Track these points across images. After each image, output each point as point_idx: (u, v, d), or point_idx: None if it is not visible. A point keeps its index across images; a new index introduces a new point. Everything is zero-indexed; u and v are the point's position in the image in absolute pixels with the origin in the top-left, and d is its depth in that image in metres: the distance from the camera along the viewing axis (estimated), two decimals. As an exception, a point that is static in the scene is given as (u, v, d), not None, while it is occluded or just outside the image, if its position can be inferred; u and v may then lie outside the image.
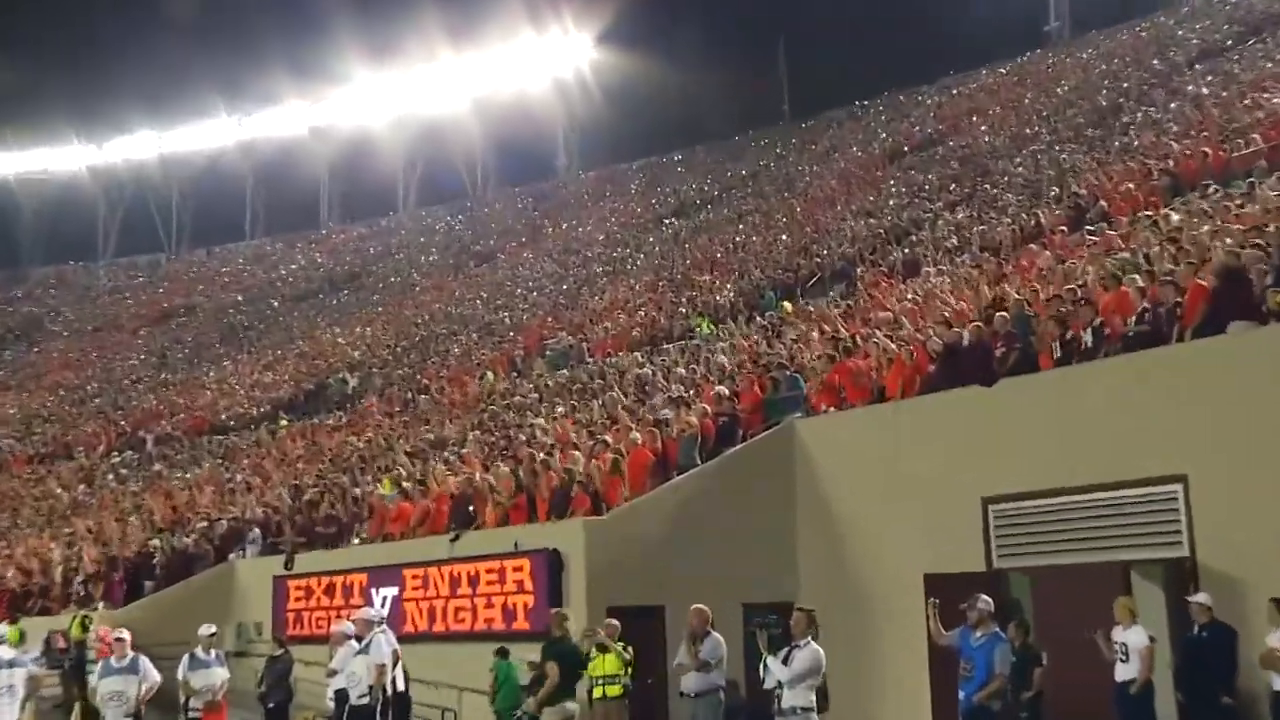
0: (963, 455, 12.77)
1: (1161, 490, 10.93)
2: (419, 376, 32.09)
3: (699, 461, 14.59)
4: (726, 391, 16.08)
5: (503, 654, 13.04)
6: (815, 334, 18.42)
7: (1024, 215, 22.48)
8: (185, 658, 12.09)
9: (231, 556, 20.56)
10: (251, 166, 69.98)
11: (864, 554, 13.65)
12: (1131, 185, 20.32)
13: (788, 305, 23.92)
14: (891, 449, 13.50)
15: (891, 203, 30.91)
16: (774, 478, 14.50)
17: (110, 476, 33.22)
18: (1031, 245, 19.57)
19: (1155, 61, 33.95)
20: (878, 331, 15.81)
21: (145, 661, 11.26)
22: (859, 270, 24.33)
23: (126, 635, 11.37)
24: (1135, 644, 9.82)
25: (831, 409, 14.69)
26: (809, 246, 29.32)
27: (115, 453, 36.42)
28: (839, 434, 14.44)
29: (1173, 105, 27.37)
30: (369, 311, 47.64)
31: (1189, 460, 10.74)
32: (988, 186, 27.61)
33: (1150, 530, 11.06)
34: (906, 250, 24.37)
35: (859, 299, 21.48)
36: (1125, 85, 32.65)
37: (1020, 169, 27.96)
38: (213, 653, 12.27)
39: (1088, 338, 12.19)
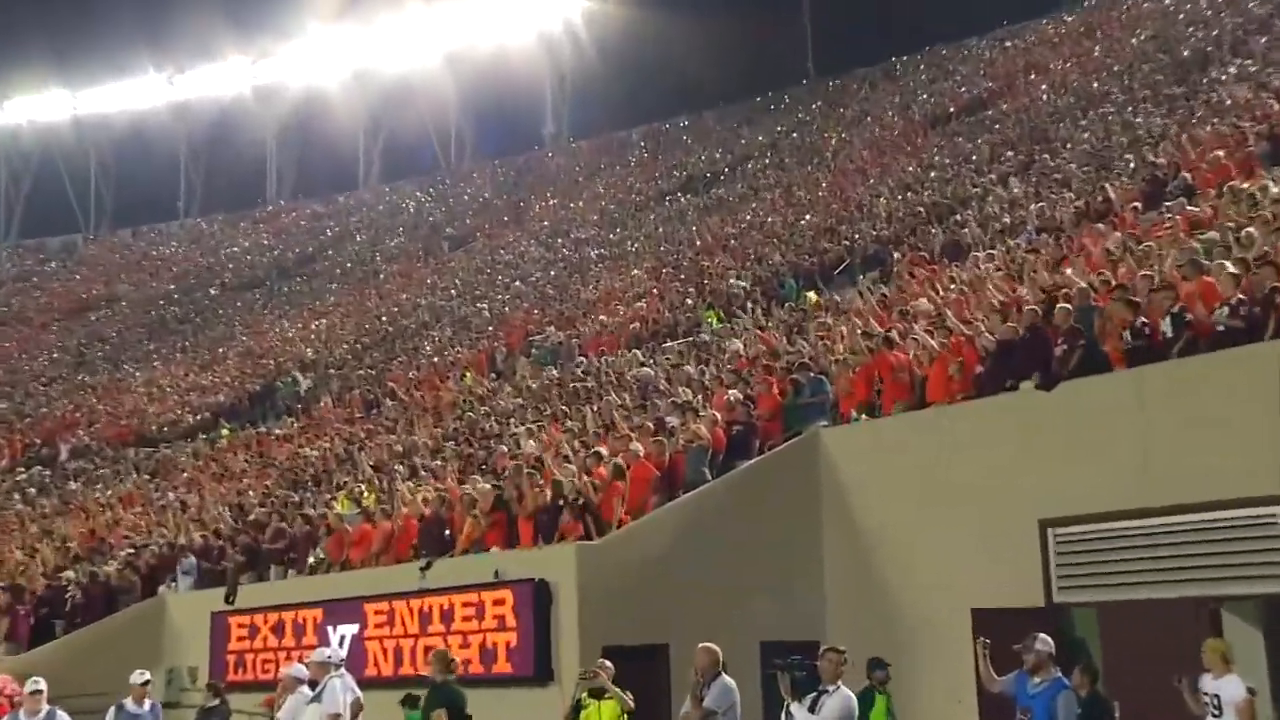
0: (1018, 470, 12.74)
1: (1258, 513, 10.87)
2: (383, 378, 32.15)
3: (709, 477, 14.58)
4: (740, 396, 16.07)
5: (412, 703, 12.96)
6: (843, 329, 18.42)
7: (1090, 189, 22.47)
8: (112, 710, 12.07)
9: (162, 589, 20.54)
10: (185, 132, 70.04)
11: (901, 585, 13.64)
12: (1221, 152, 20.24)
13: (812, 295, 23.95)
14: (933, 462, 13.49)
15: (933, 175, 30.93)
16: (796, 495, 14.50)
17: (15, 495, 33.15)
18: (1099, 225, 19.54)
19: (1252, 3, 33.81)
20: (917, 325, 15.78)
21: (63, 717, 11.22)
22: (895, 254, 24.33)
23: (43, 686, 11.28)
24: (1230, 696, 9.69)
25: (863, 416, 14.67)
26: (836, 227, 29.32)
27: (21, 467, 36.41)
28: (872, 445, 14.44)
29: (1274, 55, 27.27)
30: (324, 302, 47.70)
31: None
32: (1047, 156, 27.59)
33: (1245, 560, 10.99)
34: (951, 231, 24.37)
35: (895, 287, 21.47)
36: (1215, 33, 32.51)
37: (1086, 135, 27.93)
38: (146, 703, 12.25)
39: (1166, 326, 12.12)
